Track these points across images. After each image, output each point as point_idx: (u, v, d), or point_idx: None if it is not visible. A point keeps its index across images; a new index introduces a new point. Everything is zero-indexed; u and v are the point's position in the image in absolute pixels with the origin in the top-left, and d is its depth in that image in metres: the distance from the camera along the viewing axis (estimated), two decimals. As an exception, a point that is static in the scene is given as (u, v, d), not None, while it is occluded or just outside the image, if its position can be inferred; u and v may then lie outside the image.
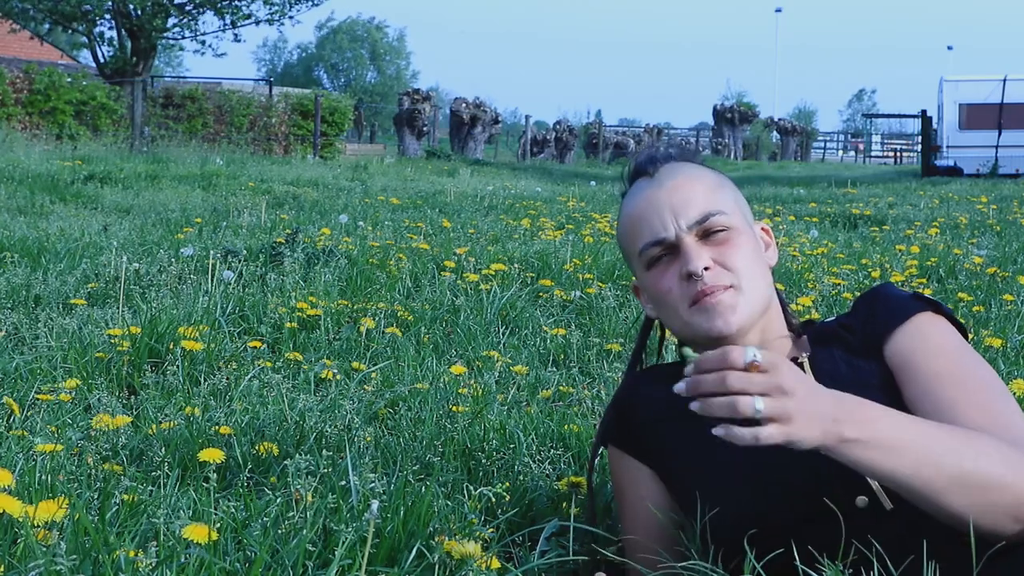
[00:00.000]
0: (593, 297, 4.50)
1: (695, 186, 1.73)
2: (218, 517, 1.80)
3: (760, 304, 1.71)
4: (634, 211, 1.76)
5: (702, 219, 1.70)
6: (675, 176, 1.74)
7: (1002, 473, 1.43)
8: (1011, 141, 24.79)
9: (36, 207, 8.59)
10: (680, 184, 1.73)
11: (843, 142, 61.56)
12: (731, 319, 1.67)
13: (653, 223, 1.71)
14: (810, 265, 5.55)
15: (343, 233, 6.62)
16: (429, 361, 3.43)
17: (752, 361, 1.33)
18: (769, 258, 1.79)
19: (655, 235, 1.71)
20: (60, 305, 4.20)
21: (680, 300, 1.70)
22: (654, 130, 42.08)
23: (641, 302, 1.85)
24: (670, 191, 1.72)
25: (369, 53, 72.86)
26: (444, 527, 1.80)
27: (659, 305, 1.76)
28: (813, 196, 13.58)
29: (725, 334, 1.68)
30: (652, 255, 1.73)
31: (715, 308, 1.67)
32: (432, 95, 33.13)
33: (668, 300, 1.72)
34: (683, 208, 1.70)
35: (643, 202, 1.74)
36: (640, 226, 1.73)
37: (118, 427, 2.42)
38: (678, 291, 1.70)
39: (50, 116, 18.92)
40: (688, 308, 1.69)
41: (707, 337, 1.70)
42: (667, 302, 1.72)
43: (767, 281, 1.74)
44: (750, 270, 1.70)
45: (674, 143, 1.98)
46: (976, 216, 9.38)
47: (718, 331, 1.68)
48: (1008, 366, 3.38)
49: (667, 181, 1.74)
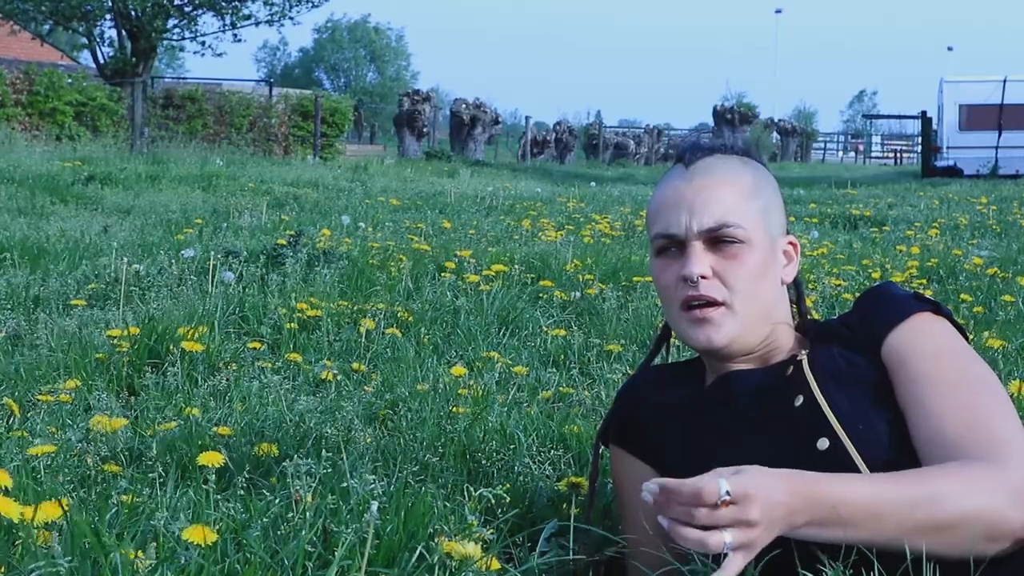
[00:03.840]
0: (593, 298, 4.50)
1: (723, 191, 1.70)
2: (217, 518, 1.80)
3: (752, 324, 1.69)
4: (661, 196, 1.75)
5: (715, 227, 1.68)
6: (706, 175, 1.72)
7: (968, 507, 1.43)
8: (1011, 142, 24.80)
9: (36, 208, 8.59)
10: (708, 185, 1.70)
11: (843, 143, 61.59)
12: (714, 337, 1.68)
13: (669, 216, 1.71)
14: (811, 266, 5.55)
15: (343, 234, 6.62)
16: (429, 362, 3.43)
17: (723, 499, 1.33)
18: (786, 274, 1.77)
19: (667, 229, 1.71)
20: (60, 306, 4.20)
21: (674, 299, 1.71)
22: (654, 131, 42.06)
23: None
24: (696, 189, 1.70)
25: (369, 54, 72.86)
26: (444, 528, 1.80)
27: (659, 294, 1.78)
28: (813, 197, 13.59)
29: (707, 349, 1.70)
30: (660, 245, 1.74)
31: (701, 322, 1.68)
32: (432, 96, 33.13)
33: (665, 294, 1.74)
34: (701, 211, 1.68)
35: (670, 191, 1.74)
36: (660, 213, 1.73)
37: (117, 429, 2.41)
38: (674, 290, 1.71)
39: (50, 117, 18.91)
40: (679, 311, 1.70)
41: (691, 346, 1.73)
42: (664, 296, 1.75)
43: (771, 298, 1.73)
44: (748, 289, 1.68)
45: (742, 138, 1.97)
46: (976, 217, 9.38)
47: (700, 345, 1.70)
48: (1008, 366, 3.38)
49: (697, 178, 1.72)
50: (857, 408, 1.62)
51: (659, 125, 44.39)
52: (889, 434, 1.59)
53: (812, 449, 1.60)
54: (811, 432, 1.61)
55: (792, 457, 1.53)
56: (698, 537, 1.33)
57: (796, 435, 1.62)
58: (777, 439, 1.63)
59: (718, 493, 1.32)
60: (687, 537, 1.34)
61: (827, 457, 1.58)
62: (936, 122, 27.07)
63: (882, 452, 1.57)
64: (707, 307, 1.67)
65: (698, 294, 1.67)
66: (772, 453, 1.56)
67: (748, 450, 1.59)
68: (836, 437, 1.59)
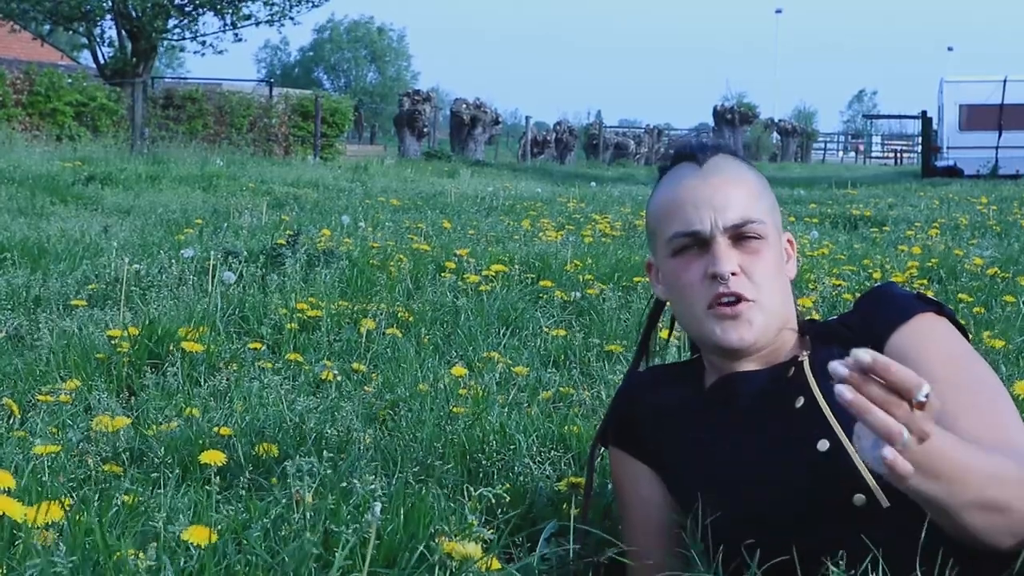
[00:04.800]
0: (594, 298, 4.50)
1: (739, 188, 1.70)
2: (218, 519, 1.80)
3: (776, 320, 1.69)
4: (673, 195, 1.73)
5: (740, 223, 1.67)
6: (722, 173, 1.72)
7: (1015, 497, 1.41)
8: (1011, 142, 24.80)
9: (36, 208, 8.59)
10: (726, 182, 1.70)
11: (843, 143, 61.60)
12: (747, 335, 1.66)
13: (690, 214, 1.69)
14: (811, 266, 5.54)
15: (344, 234, 6.62)
16: (429, 362, 3.43)
17: (920, 400, 1.24)
18: (789, 271, 1.78)
19: (689, 226, 1.69)
20: (60, 306, 4.20)
21: (699, 298, 1.68)
22: (654, 131, 42.07)
23: (652, 281, 1.83)
24: (715, 187, 1.70)
25: (369, 54, 72.86)
26: (444, 528, 1.80)
27: (676, 295, 1.74)
28: (813, 197, 13.59)
29: (738, 347, 1.67)
30: (680, 244, 1.71)
31: (733, 320, 1.66)
32: (432, 96, 33.13)
33: (687, 294, 1.70)
34: (724, 208, 1.68)
35: (685, 190, 1.72)
36: (676, 212, 1.71)
37: (118, 428, 2.41)
38: (699, 288, 1.68)
39: (50, 117, 18.91)
40: (705, 309, 1.68)
41: (716, 345, 1.69)
42: (685, 295, 1.71)
43: (785, 296, 1.73)
44: (771, 285, 1.68)
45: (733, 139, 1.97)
46: (976, 217, 9.38)
47: (732, 343, 1.67)
48: (1009, 368, 3.38)
49: (713, 176, 1.71)
50: (858, 409, 1.62)
51: (659, 125, 44.41)
52: (890, 435, 1.59)
53: (812, 450, 1.59)
54: (812, 433, 1.61)
55: (792, 458, 1.53)
56: (886, 423, 1.22)
57: (796, 436, 1.62)
58: (777, 440, 1.63)
59: (922, 390, 1.23)
60: (877, 419, 1.22)
61: (827, 458, 1.57)
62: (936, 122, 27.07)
63: (882, 453, 1.56)
64: (738, 303, 1.66)
65: (729, 291, 1.65)
66: (772, 454, 1.56)
67: (748, 451, 1.59)
68: (836, 438, 1.59)
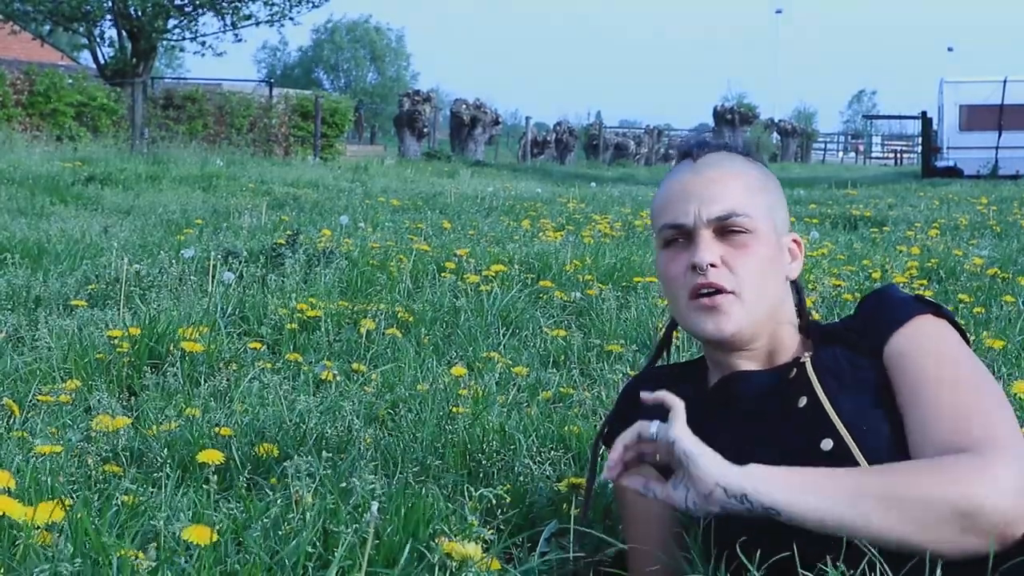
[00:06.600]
0: (593, 298, 4.50)
1: (730, 183, 1.73)
2: (218, 518, 1.80)
3: (760, 315, 1.71)
4: (666, 190, 1.77)
5: (724, 216, 1.70)
6: (714, 168, 1.75)
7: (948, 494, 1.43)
8: (1011, 142, 24.80)
9: (37, 208, 8.59)
10: (716, 177, 1.73)
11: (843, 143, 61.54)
12: (726, 326, 1.68)
13: (677, 207, 1.73)
14: (811, 266, 5.54)
15: (343, 234, 6.62)
16: (429, 362, 3.43)
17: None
18: (791, 271, 1.79)
19: (675, 219, 1.73)
20: (60, 306, 4.20)
21: (682, 289, 1.71)
22: (654, 131, 42.06)
23: None
24: (704, 182, 1.73)
25: (369, 54, 72.84)
26: (444, 528, 1.80)
27: (664, 287, 1.78)
28: (813, 197, 13.59)
29: (716, 338, 1.70)
30: (668, 236, 1.75)
31: (710, 310, 1.68)
32: (432, 96, 33.12)
33: (673, 286, 1.74)
34: (710, 201, 1.70)
35: (677, 184, 1.76)
36: (667, 206, 1.75)
37: (118, 428, 2.42)
38: (683, 280, 1.71)
39: (51, 117, 18.91)
40: (687, 300, 1.71)
41: (699, 336, 1.73)
42: (670, 287, 1.75)
43: (777, 292, 1.74)
44: (757, 279, 1.70)
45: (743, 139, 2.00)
46: (976, 217, 9.38)
47: (709, 334, 1.70)
48: (1009, 368, 3.38)
49: (705, 171, 1.74)
50: (860, 409, 1.63)
51: (659, 125, 44.41)
52: (892, 435, 1.59)
53: (816, 450, 1.60)
54: (815, 433, 1.62)
55: (796, 458, 1.54)
56: None
57: (800, 436, 1.63)
58: (781, 440, 1.64)
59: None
60: None
61: (831, 458, 1.58)
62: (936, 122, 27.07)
63: (885, 453, 1.57)
64: (716, 295, 1.68)
65: (707, 282, 1.68)
66: (776, 454, 1.56)
67: (751, 450, 1.59)
68: (840, 438, 1.60)
